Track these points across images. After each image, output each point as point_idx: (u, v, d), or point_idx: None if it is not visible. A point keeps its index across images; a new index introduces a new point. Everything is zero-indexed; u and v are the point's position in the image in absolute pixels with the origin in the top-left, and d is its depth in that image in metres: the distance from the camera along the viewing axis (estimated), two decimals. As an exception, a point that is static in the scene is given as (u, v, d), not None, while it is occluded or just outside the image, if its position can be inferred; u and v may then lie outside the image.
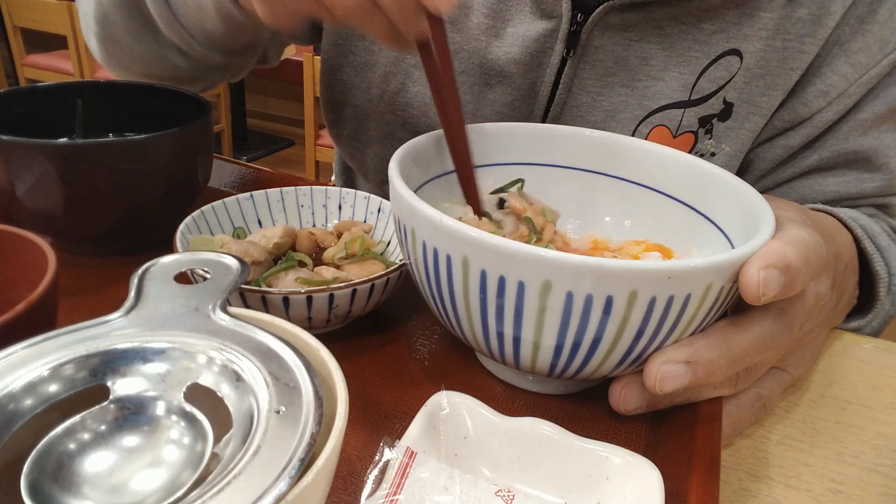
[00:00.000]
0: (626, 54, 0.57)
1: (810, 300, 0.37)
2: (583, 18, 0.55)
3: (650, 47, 0.57)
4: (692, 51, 0.56)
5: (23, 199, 0.45)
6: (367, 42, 0.66)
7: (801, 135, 0.59)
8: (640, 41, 0.57)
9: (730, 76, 0.57)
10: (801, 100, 0.57)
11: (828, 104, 0.57)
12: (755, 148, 0.62)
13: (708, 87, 0.57)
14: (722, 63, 0.56)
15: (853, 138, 0.58)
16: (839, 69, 0.55)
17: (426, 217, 0.33)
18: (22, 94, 0.54)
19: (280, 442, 0.22)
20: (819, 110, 0.57)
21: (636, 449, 0.32)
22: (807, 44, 0.54)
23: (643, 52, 0.57)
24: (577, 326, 0.32)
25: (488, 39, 0.60)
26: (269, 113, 4.07)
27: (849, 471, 0.39)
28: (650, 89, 0.58)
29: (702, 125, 0.59)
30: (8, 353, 0.25)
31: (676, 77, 0.57)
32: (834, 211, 0.53)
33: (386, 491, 0.29)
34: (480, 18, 0.59)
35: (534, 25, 0.57)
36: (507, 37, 0.59)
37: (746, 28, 0.55)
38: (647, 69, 0.57)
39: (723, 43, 0.55)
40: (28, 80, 3.03)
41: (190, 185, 0.52)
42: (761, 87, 0.57)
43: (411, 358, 0.43)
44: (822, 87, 0.56)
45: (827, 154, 0.59)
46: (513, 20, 0.59)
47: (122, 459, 0.24)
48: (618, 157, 0.46)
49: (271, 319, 0.29)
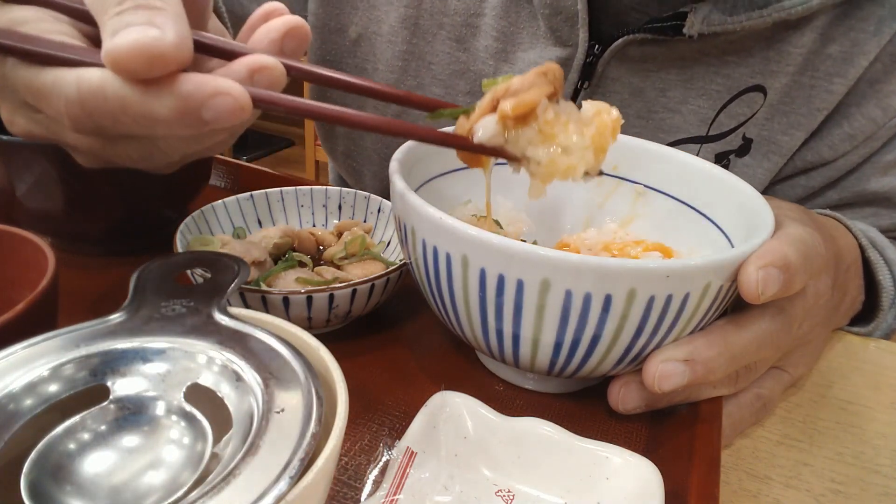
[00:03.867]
0: (644, 85, 0.55)
1: (810, 298, 0.37)
2: (599, 49, 0.53)
3: (669, 78, 0.54)
4: (713, 84, 0.53)
5: (23, 199, 0.45)
6: (358, 59, 0.64)
7: (823, 176, 0.57)
8: (659, 71, 0.54)
9: (751, 112, 0.54)
10: (827, 142, 0.55)
11: (853, 148, 0.54)
12: (773, 185, 0.60)
13: (727, 123, 0.54)
14: (744, 99, 0.53)
15: (875, 179, 0.56)
16: (869, 112, 0.53)
17: (426, 216, 0.33)
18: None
19: (280, 442, 0.22)
20: (844, 154, 0.55)
21: (636, 449, 0.32)
22: (836, 83, 0.52)
23: (661, 83, 0.54)
24: (575, 324, 0.32)
25: (497, 63, 0.58)
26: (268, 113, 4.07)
27: (849, 471, 0.39)
28: (666, 122, 0.56)
29: (718, 161, 0.57)
30: (8, 353, 0.25)
31: (695, 111, 0.54)
32: (838, 215, 0.52)
33: (386, 491, 0.29)
34: (489, 41, 0.57)
35: (546, 52, 0.55)
36: (517, 62, 0.57)
37: (773, 64, 0.52)
38: (664, 101, 0.55)
39: (747, 78, 0.52)
40: (28, 80, 3.02)
41: (190, 185, 0.52)
42: (784, 126, 0.54)
43: (411, 358, 0.43)
44: (849, 131, 0.53)
45: (847, 194, 0.57)
46: (524, 44, 0.56)
47: (122, 459, 0.24)
48: (620, 157, 0.46)
49: (271, 319, 0.29)
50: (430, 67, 0.61)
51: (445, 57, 0.60)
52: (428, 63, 0.61)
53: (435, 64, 0.61)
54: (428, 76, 0.62)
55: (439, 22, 0.59)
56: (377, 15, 0.61)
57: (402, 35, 0.61)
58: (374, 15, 0.62)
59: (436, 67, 0.61)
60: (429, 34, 0.60)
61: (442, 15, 0.59)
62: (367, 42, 0.63)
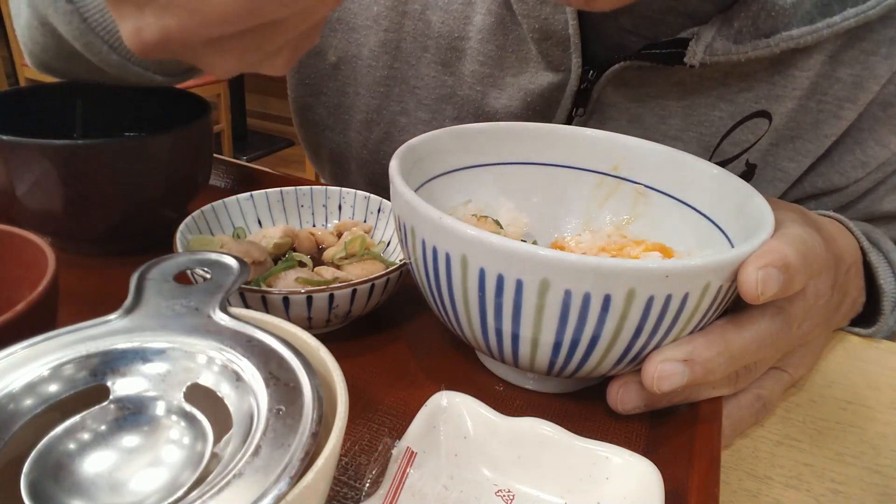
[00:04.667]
0: (642, 112, 0.52)
1: (810, 299, 0.37)
2: (594, 75, 0.50)
3: (669, 104, 0.51)
4: (716, 110, 0.51)
5: (23, 199, 0.45)
6: (339, 83, 0.62)
7: (834, 202, 0.55)
8: (659, 98, 0.51)
9: (755, 139, 0.51)
10: (838, 169, 0.52)
11: (866, 175, 0.52)
12: None
13: (730, 151, 0.52)
14: (748, 125, 0.51)
15: (887, 199, 0.54)
16: (882, 139, 0.50)
17: (426, 216, 0.33)
18: (22, 94, 0.54)
19: (280, 442, 0.22)
20: (856, 181, 0.53)
21: (636, 449, 0.32)
22: (845, 108, 0.49)
23: (661, 111, 0.52)
24: (575, 324, 0.32)
25: (485, 89, 0.55)
26: (269, 113, 4.07)
27: (849, 471, 0.39)
28: None
29: None
30: (8, 353, 0.25)
31: (696, 139, 0.52)
32: (839, 216, 0.51)
33: (386, 491, 0.30)
34: (475, 66, 0.54)
35: (538, 77, 0.52)
36: (506, 87, 0.54)
37: (779, 88, 0.49)
38: (664, 128, 0.52)
39: (751, 104, 0.50)
40: (28, 80, 3.03)
41: (190, 185, 0.52)
42: (790, 152, 0.52)
43: (411, 358, 0.43)
44: (861, 158, 0.51)
45: (859, 215, 0.55)
46: (513, 69, 0.53)
47: (122, 459, 0.24)
48: (620, 157, 0.46)
49: (271, 319, 0.29)
50: (414, 92, 0.60)
51: (431, 81, 0.58)
52: (412, 87, 0.59)
53: (420, 88, 0.59)
54: (412, 101, 0.60)
55: (423, 45, 0.57)
56: (356, 38, 0.59)
57: (383, 59, 0.59)
58: (353, 38, 0.59)
59: (421, 92, 0.59)
60: (412, 57, 0.58)
61: (425, 38, 0.57)
62: (348, 66, 0.61)
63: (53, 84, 0.57)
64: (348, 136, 0.65)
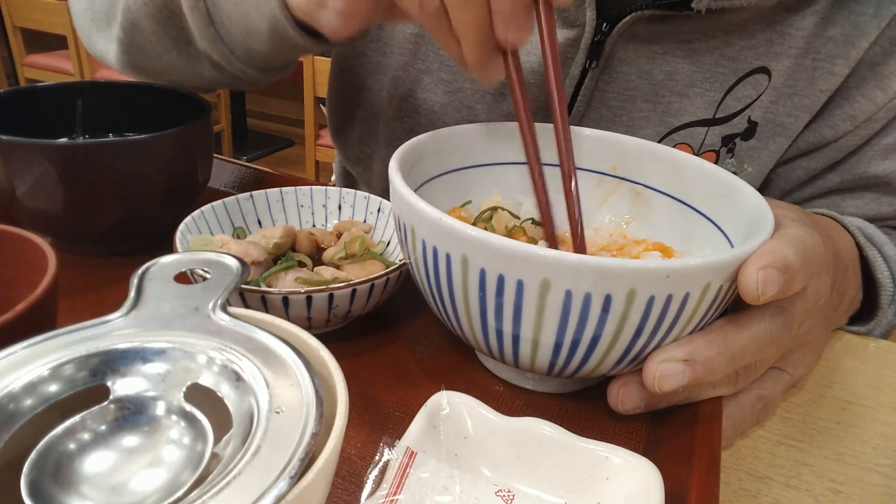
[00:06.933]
0: (651, 68, 0.55)
1: (810, 298, 0.37)
2: (608, 28, 0.53)
3: (676, 62, 0.54)
4: (720, 66, 0.54)
5: (23, 199, 0.45)
6: (381, 43, 0.64)
7: (824, 158, 0.58)
8: (666, 55, 0.54)
9: (757, 94, 0.55)
10: (828, 123, 0.56)
11: (854, 128, 0.55)
12: (776, 168, 0.60)
13: (734, 106, 0.55)
14: (750, 81, 0.54)
15: (875, 163, 0.56)
16: (869, 93, 0.53)
17: (426, 216, 0.33)
18: (22, 94, 0.54)
19: (280, 442, 0.22)
20: (844, 134, 0.56)
21: (636, 449, 0.32)
22: (838, 65, 0.53)
23: (668, 67, 0.55)
24: (575, 324, 0.32)
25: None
26: (269, 113, 4.07)
27: (849, 471, 0.39)
28: (674, 105, 0.56)
29: (724, 144, 0.57)
30: (8, 353, 0.25)
31: (702, 94, 0.55)
32: (836, 215, 0.52)
33: (386, 491, 0.29)
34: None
35: None
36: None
37: (776, 46, 0.53)
38: (671, 84, 0.55)
39: (752, 60, 0.53)
40: (28, 80, 3.03)
41: (190, 185, 0.52)
42: (788, 108, 0.55)
43: (411, 358, 0.43)
44: (850, 112, 0.54)
45: (848, 177, 0.58)
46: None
47: (122, 459, 0.24)
48: (619, 157, 0.46)
49: (271, 319, 0.29)
50: (438, 52, 0.61)
51: None
52: (436, 48, 0.61)
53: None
54: (436, 61, 0.62)
55: None
56: None
57: None
58: None
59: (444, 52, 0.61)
60: None
61: None
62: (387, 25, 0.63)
63: (53, 84, 0.57)
64: (381, 96, 0.66)
